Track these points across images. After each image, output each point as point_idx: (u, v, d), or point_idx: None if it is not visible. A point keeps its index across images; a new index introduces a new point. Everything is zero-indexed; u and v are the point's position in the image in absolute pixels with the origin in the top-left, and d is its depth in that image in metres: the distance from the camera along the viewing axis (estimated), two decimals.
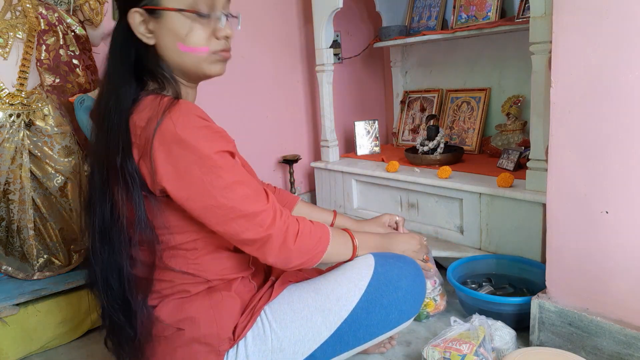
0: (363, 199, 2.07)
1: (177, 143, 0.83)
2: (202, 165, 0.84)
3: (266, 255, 0.91)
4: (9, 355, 1.34)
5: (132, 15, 0.88)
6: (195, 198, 0.86)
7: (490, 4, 2.00)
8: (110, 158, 0.86)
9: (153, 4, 0.88)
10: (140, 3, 0.88)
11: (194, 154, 0.84)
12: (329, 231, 1.00)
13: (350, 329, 1.00)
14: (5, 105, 1.40)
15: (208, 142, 0.85)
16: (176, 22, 0.89)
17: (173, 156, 0.84)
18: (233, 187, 0.86)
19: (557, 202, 1.15)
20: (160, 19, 0.89)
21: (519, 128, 1.90)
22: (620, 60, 0.99)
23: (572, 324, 1.15)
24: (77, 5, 1.60)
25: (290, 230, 0.91)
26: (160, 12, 0.88)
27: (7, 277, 1.48)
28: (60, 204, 1.46)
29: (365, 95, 2.73)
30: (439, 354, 1.11)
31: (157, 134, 0.83)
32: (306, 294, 1.02)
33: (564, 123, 1.10)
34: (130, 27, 0.90)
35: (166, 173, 0.84)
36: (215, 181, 0.85)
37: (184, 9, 0.88)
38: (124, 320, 0.93)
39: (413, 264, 1.10)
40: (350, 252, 1.06)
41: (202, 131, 0.85)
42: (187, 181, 0.85)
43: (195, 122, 0.85)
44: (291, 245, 0.91)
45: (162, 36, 0.90)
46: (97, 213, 0.90)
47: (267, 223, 0.89)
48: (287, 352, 0.97)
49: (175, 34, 0.90)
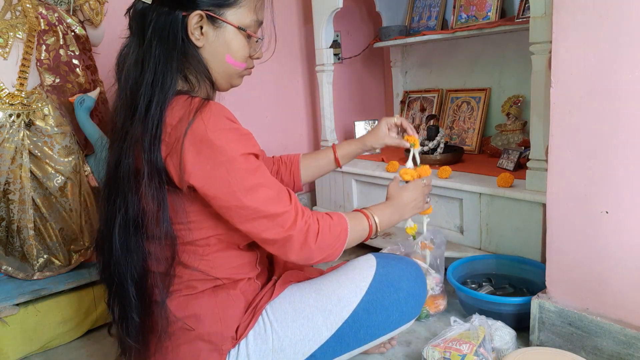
0: (363, 199, 2.07)
1: (207, 144, 0.85)
2: (229, 166, 0.86)
3: (288, 254, 0.93)
4: (9, 355, 1.34)
5: (193, 15, 0.91)
6: (221, 197, 0.88)
7: (490, 4, 2.00)
8: (139, 149, 0.87)
9: (216, 14, 0.93)
10: (205, 7, 0.91)
11: (222, 155, 0.86)
12: (347, 224, 1.00)
13: (351, 329, 1.00)
14: (5, 105, 1.40)
15: (236, 145, 0.87)
16: (232, 36, 0.95)
17: (202, 156, 0.86)
18: (257, 189, 0.89)
19: (557, 202, 1.15)
20: (218, 29, 0.94)
21: (519, 128, 1.90)
22: (620, 60, 0.99)
23: (572, 324, 1.15)
24: (77, 5, 1.60)
25: (311, 229, 0.93)
26: (221, 23, 0.94)
27: (7, 277, 1.48)
28: (60, 204, 1.46)
29: (365, 95, 2.73)
30: (439, 354, 1.11)
31: (189, 133, 0.85)
32: (307, 294, 1.02)
33: (564, 123, 1.10)
34: (185, 24, 0.91)
35: (195, 172, 0.86)
36: (240, 183, 0.87)
37: (242, 28, 0.95)
38: (136, 313, 0.93)
39: (414, 265, 1.11)
40: (366, 233, 1.05)
41: (231, 133, 0.88)
42: (214, 181, 0.87)
43: (224, 124, 0.88)
44: (312, 244, 0.93)
45: (213, 43, 0.94)
46: (119, 205, 0.90)
47: (289, 224, 0.91)
48: (288, 351, 0.97)
49: (227, 46, 0.96)
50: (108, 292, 1.01)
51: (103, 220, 0.96)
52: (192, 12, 0.90)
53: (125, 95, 0.92)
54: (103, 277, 1.00)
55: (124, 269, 0.92)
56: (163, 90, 0.88)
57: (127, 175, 0.89)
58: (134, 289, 0.93)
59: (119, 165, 0.90)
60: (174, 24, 0.90)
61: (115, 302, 0.98)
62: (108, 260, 0.94)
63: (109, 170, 0.95)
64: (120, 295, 0.95)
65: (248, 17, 0.96)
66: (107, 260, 0.95)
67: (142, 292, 0.93)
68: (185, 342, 0.95)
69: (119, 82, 0.95)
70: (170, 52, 0.90)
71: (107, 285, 1.00)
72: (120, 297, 0.95)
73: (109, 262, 0.94)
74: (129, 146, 0.89)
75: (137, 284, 0.93)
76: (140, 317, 0.94)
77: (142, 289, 0.93)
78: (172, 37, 0.90)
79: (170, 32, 0.90)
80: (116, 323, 0.99)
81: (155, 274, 0.94)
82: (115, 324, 1.00)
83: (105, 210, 0.95)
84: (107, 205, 0.94)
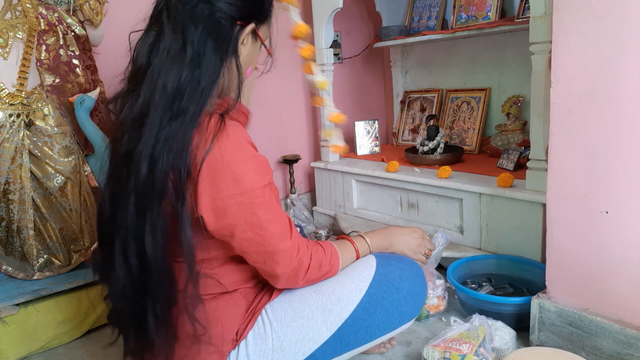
0: (363, 199, 2.07)
1: (222, 174, 0.83)
2: (242, 201, 0.85)
3: (274, 282, 0.97)
4: (9, 355, 1.34)
5: (250, 28, 0.93)
6: (226, 229, 0.87)
7: (490, 4, 2.00)
8: (176, 159, 0.82)
9: (257, 28, 0.96)
10: (255, 21, 0.94)
11: (236, 188, 0.84)
12: (339, 260, 1.03)
13: (351, 329, 1.00)
14: (5, 105, 1.40)
15: (253, 175, 0.86)
16: (257, 51, 1.00)
17: (214, 188, 0.84)
18: (264, 225, 0.89)
19: (557, 202, 1.15)
20: (254, 42, 0.98)
21: (519, 128, 1.90)
22: (620, 60, 0.99)
23: (572, 324, 1.15)
24: (77, 5, 1.60)
25: (302, 267, 0.96)
26: (256, 37, 0.97)
27: (7, 277, 1.48)
28: (60, 204, 1.46)
29: (365, 95, 2.73)
30: (439, 354, 1.11)
31: (205, 163, 0.82)
32: (307, 294, 1.02)
33: (564, 123, 1.10)
34: (238, 33, 0.91)
35: (205, 205, 0.85)
36: (249, 218, 0.87)
37: (264, 44, 1.00)
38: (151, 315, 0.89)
39: (414, 265, 1.10)
40: (354, 259, 1.09)
41: (249, 162, 0.86)
42: (223, 215, 0.86)
43: (243, 152, 0.86)
44: (300, 279, 0.97)
45: (246, 56, 0.97)
46: (153, 209, 0.84)
47: (282, 263, 0.92)
48: (288, 351, 0.97)
49: (252, 59, 0.99)
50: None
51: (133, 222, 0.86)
52: (248, 24, 0.93)
53: (158, 88, 0.84)
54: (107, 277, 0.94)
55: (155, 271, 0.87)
56: (205, 90, 0.85)
57: (162, 180, 0.82)
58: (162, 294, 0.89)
59: (154, 168, 0.82)
60: (229, 28, 0.89)
61: (120, 300, 0.93)
62: (120, 260, 0.88)
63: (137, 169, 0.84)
64: (143, 296, 0.89)
65: (266, 34, 1.00)
66: (120, 259, 0.88)
67: (169, 294, 0.90)
68: (186, 343, 0.94)
69: (139, 72, 0.87)
70: (226, 57, 0.89)
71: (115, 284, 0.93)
72: (142, 298, 0.90)
73: (121, 261, 0.88)
74: (168, 151, 0.82)
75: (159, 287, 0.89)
76: (156, 319, 0.90)
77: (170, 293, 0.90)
78: (226, 43, 0.89)
79: (227, 36, 0.89)
80: (120, 321, 0.97)
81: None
82: (118, 322, 0.98)
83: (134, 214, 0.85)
84: (136, 210, 0.85)
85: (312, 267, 0.97)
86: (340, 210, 2.16)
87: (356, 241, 1.10)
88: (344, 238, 1.12)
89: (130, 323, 0.94)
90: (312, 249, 0.98)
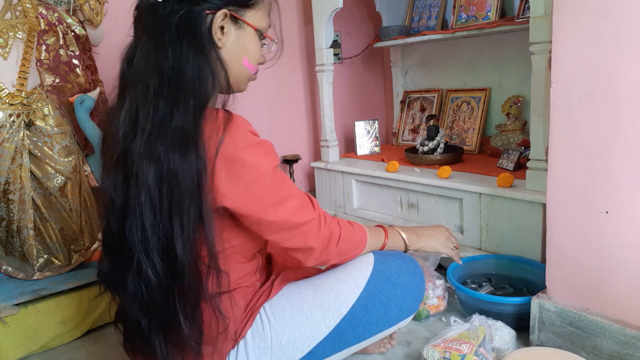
0: (363, 199, 2.07)
1: (239, 162, 0.85)
2: (261, 183, 0.88)
3: (307, 260, 0.97)
4: (9, 355, 1.34)
5: (220, 13, 0.87)
6: (253, 215, 0.89)
7: (490, 4, 2.00)
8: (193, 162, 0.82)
9: (239, 14, 0.91)
10: (230, 6, 0.89)
11: (254, 172, 0.87)
12: (367, 235, 1.06)
13: (349, 326, 1.00)
14: (5, 105, 1.40)
15: (265, 159, 0.88)
16: (251, 39, 0.94)
17: (234, 176, 0.85)
18: (285, 201, 0.91)
19: (557, 202, 1.15)
20: (239, 29, 0.92)
21: (519, 128, 1.90)
22: (620, 60, 0.99)
23: (572, 324, 1.15)
24: (77, 5, 1.60)
25: (334, 235, 0.97)
26: (242, 23, 0.92)
27: (7, 277, 1.48)
28: (60, 204, 1.46)
29: (365, 95, 2.73)
30: (439, 354, 1.11)
31: (220, 154, 0.84)
32: (305, 291, 1.02)
33: (563, 123, 1.10)
34: (209, 22, 0.87)
35: (228, 193, 0.86)
36: (270, 198, 0.89)
37: (261, 31, 0.95)
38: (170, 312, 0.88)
39: (412, 262, 1.11)
40: (380, 246, 1.11)
41: (257, 148, 0.88)
42: (248, 199, 0.88)
43: (250, 139, 0.88)
44: (333, 250, 0.98)
45: (232, 45, 0.91)
46: (185, 209, 0.83)
47: (314, 232, 0.94)
48: (287, 349, 0.97)
49: (246, 49, 0.94)
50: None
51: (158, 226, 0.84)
52: (218, 10, 0.87)
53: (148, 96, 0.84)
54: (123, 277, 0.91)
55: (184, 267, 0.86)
56: (202, 96, 0.85)
57: (192, 179, 0.83)
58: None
59: (184, 171, 0.82)
60: (197, 21, 0.85)
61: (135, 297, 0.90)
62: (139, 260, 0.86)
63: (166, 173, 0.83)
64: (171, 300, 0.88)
65: (263, 21, 0.95)
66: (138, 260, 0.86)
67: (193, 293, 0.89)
68: (189, 343, 0.94)
69: (131, 84, 0.88)
70: (204, 51, 0.86)
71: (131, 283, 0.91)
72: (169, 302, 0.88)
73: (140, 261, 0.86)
74: (195, 156, 0.82)
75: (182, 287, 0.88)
76: (194, 319, 0.90)
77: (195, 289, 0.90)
78: (200, 36, 0.85)
79: (198, 30, 0.85)
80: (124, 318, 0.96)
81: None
82: (121, 319, 0.98)
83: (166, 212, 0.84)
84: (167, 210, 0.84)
85: (344, 236, 0.99)
86: (341, 210, 2.16)
87: (389, 231, 1.12)
88: (379, 227, 1.14)
89: (156, 331, 0.90)
90: (339, 220, 1.01)
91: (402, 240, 1.14)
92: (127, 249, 0.86)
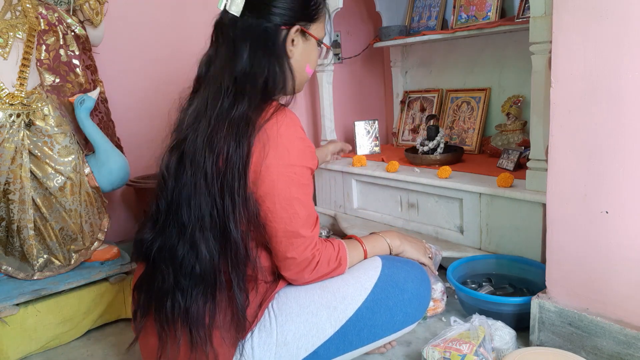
0: (363, 199, 2.07)
1: (273, 143, 0.92)
2: (282, 172, 0.93)
3: (284, 269, 1.01)
4: (9, 355, 1.34)
5: (295, 29, 1.01)
6: (258, 195, 0.94)
7: (490, 4, 2.00)
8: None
9: (307, 28, 1.04)
10: (301, 22, 1.02)
11: (281, 159, 0.92)
12: (347, 260, 1.06)
13: (354, 328, 1.01)
14: (5, 105, 1.40)
15: (299, 154, 0.95)
16: (313, 48, 1.08)
17: (262, 153, 0.92)
18: (294, 203, 0.95)
19: (557, 202, 1.15)
20: (306, 41, 1.05)
21: (519, 128, 1.90)
22: (620, 60, 0.99)
23: (572, 324, 1.15)
24: (77, 5, 1.60)
25: (313, 261, 1.00)
26: (308, 36, 1.05)
27: (7, 277, 1.48)
28: (60, 204, 1.46)
29: (365, 95, 2.73)
30: (439, 354, 1.11)
31: (262, 130, 0.92)
32: (312, 290, 1.03)
33: (564, 123, 1.10)
34: (285, 37, 1.00)
35: (254, 171, 0.92)
36: (283, 191, 0.94)
37: (321, 41, 1.08)
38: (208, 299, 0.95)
39: (419, 269, 1.12)
40: (361, 258, 1.13)
41: (298, 142, 0.96)
42: (261, 181, 0.93)
43: (295, 131, 0.95)
44: (307, 273, 1.00)
45: (299, 55, 1.04)
46: (231, 197, 0.93)
47: (300, 249, 0.97)
48: (291, 346, 0.97)
49: (309, 57, 1.07)
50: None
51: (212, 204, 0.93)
52: (292, 26, 1.00)
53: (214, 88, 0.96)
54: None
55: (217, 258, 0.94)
56: (271, 86, 0.99)
57: (242, 164, 0.91)
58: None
59: (237, 156, 0.91)
60: (274, 35, 0.99)
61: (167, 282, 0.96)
62: (185, 253, 0.94)
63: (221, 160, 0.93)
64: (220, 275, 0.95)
65: (322, 31, 1.08)
66: (187, 252, 0.95)
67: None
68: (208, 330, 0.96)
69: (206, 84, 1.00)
70: (278, 60, 0.99)
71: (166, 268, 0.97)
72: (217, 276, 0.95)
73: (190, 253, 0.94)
74: (246, 143, 0.92)
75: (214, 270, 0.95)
76: (246, 291, 0.97)
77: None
78: (275, 48, 0.99)
79: (274, 42, 0.99)
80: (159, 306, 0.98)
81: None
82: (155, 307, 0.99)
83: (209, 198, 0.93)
84: (218, 196, 0.93)
85: (322, 262, 1.01)
86: (340, 210, 2.16)
87: (368, 240, 1.14)
88: (352, 238, 1.15)
89: (194, 299, 0.95)
90: (323, 244, 1.03)
91: (386, 243, 1.16)
92: (181, 224, 0.94)
